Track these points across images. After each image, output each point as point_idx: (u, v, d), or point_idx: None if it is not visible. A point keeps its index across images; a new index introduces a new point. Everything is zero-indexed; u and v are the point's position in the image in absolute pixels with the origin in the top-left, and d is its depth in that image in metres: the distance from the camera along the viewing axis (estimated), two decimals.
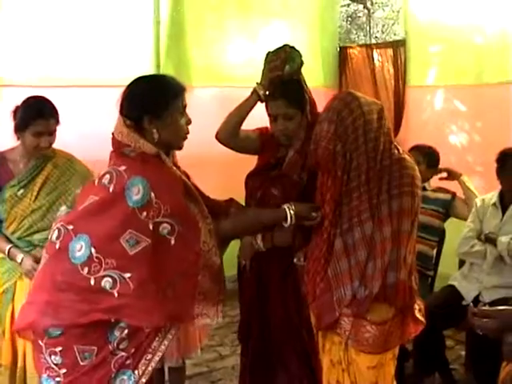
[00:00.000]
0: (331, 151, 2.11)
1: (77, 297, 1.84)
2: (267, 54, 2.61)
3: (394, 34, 6.04)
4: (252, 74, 4.20)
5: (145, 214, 1.86)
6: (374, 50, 5.84)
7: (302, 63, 2.59)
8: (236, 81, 4.79)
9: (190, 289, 1.95)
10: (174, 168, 2.00)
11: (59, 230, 1.91)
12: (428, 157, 3.75)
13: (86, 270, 1.84)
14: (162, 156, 1.96)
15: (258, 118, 2.71)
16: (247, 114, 2.62)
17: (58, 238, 1.90)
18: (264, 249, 2.59)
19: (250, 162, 2.80)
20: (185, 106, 2.04)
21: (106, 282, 1.84)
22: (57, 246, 1.89)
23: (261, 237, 2.59)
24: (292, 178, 2.58)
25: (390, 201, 2.11)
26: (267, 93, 2.58)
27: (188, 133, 2.07)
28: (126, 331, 1.86)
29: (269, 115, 2.63)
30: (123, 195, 1.86)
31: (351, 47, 6.24)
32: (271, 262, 2.64)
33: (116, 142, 1.98)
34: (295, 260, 2.45)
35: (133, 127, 1.96)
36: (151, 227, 1.87)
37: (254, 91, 2.59)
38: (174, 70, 4.68)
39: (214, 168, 4.74)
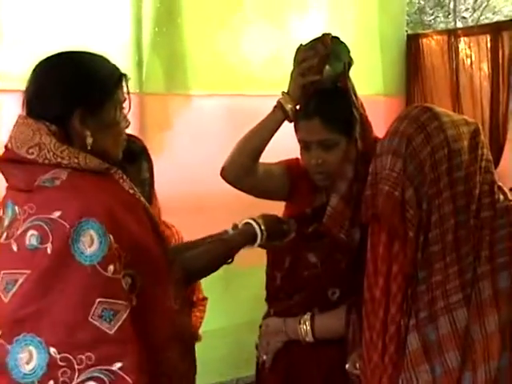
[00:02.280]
0: (398, 199, 2.06)
1: None
2: (298, 49, 2.61)
3: (493, 13, 5.87)
4: (273, 77, 4.22)
5: (111, 268, 1.83)
6: (461, 38, 5.86)
7: (350, 63, 2.59)
8: (250, 87, 4.94)
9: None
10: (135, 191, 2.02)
11: None
12: None
13: None
14: (116, 173, 1.97)
15: (284, 144, 2.71)
16: (269, 139, 2.62)
17: None
18: (313, 338, 2.59)
19: (272, 207, 2.79)
20: (125, 100, 2.06)
21: None
22: None
23: (310, 318, 2.58)
24: (337, 238, 2.56)
25: (496, 274, 2.04)
26: (297, 107, 2.58)
27: (126, 137, 2.14)
28: None
29: (299, 141, 2.63)
30: (70, 254, 1.81)
31: (426, 35, 6.27)
32: (307, 362, 2.64)
33: (25, 169, 1.93)
34: (348, 366, 2.44)
35: (60, 135, 1.94)
36: (124, 284, 1.86)
37: (279, 105, 2.59)
38: (163, 70, 4.79)
39: (218, 215, 4.71)
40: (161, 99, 4.87)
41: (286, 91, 2.59)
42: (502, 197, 2.13)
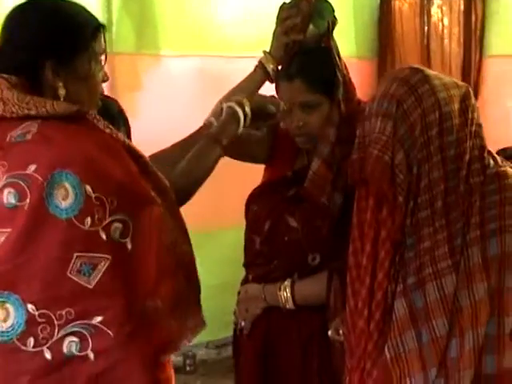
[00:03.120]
0: (387, 163, 2.03)
1: None
2: (281, 7, 2.58)
3: None
4: (249, 36, 4.17)
5: (89, 220, 1.80)
6: (434, 2, 5.88)
7: (334, 22, 2.55)
8: (225, 48, 4.91)
9: (167, 306, 1.93)
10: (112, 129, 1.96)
11: None
12: None
13: (30, 342, 1.78)
14: (90, 114, 1.91)
15: None
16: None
17: None
18: (293, 305, 2.58)
19: (251, 172, 2.81)
20: (102, 52, 2.01)
21: (71, 345, 1.79)
22: None
23: (290, 284, 2.57)
24: (318, 202, 2.54)
25: (485, 241, 2.03)
26: (279, 68, 2.55)
27: (103, 93, 2.12)
28: None
29: None
30: (45, 208, 1.79)
31: None
32: (286, 328, 2.64)
33: None
34: (330, 333, 2.42)
35: (23, 86, 1.89)
36: (104, 236, 1.82)
37: (260, 65, 2.58)
38: (133, 29, 4.78)
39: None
40: (131, 59, 4.87)
41: (267, 51, 2.56)
42: (492, 162, 2.12)
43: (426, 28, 5.98)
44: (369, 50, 5.96)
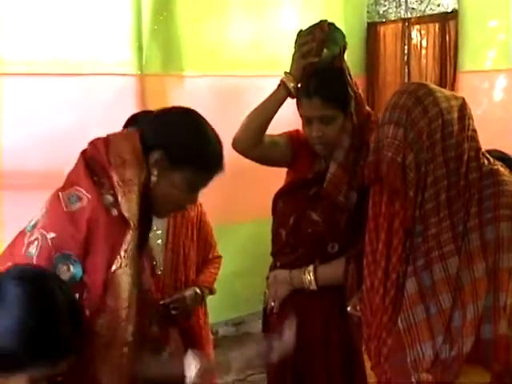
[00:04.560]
0: (400, 164, 2.04)
1: None
2: (298, 34, 2.58)
3: (439, 6, 6.01)
4: (263, 58, 4.14)
5: None
6: (414, 26, 5.91)
7: (345, 46, 2.60)
8: (241, 67, 4.86)
9: None
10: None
11: None
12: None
13: None
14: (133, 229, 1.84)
15: (285, 118, 2.72)
16: (274, 113, 2.60)
17: None
18: (316, 287, 2.59)
19: (271, 172, 2.77)
20: (200, 188, 2.04)
21: None
22: None
23: (313, 269, 2.57)
24: (336, 200, 2.55)
25: (483, 228, 2.04)
26: (299, 86, 2.55)
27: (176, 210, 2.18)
28: None
29: (301, 116, 2.61)
30: None
31: (382, 23, 6.27)
32: (310, 306, 2.64)
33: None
34: (349, 308, 2.40)
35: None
36: None
37: (283, 84, 2.56)
38: (161, 53, 4.76)
39: (215, 183, 4.70)
40: (159, 80, 4.84)
41: (288, 71, 2.56)
42: (486, 161, 2.13)
43: (406, 48, 5.98)
44: (358, 67, 5.93)
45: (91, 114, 4.36)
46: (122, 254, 1.82)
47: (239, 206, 5.03)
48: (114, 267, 1.80)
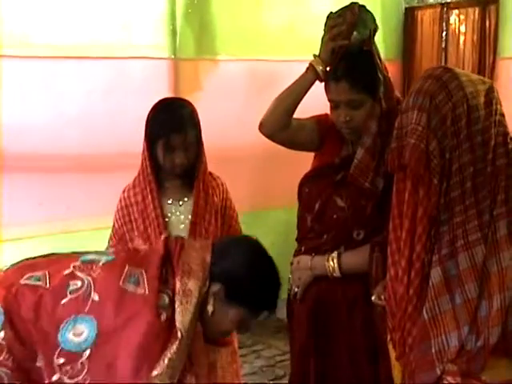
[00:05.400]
0: (423, 150, 2.01)
1: None
2: (328, 16, 2.55)
3: None
4: (296, 42, 4.11)
5: None
6: (452, 11, 5.77)
7: (376, 29, 2.53)
8: (274, 52, 4.84)
9: None
10: None
11: None
12: None
13: None
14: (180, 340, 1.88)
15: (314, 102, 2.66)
16: (302, 97, 2.57)
17: None
18: (340, 274, 2.57)
19: (297, 158, 2.76)
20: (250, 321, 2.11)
21: None
22: None
23: (337, 256, 2.56)
24: (362, 186, 2.52)
25: (510, 215, 2.01)
26: (327, 69, 2.52)
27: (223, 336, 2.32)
28: None
29: (329, 100, 2.57)
30: None
31: (420, 7, 6.13)
32: (333, 294, 2.62)
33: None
34: (373, 298, 2.38)
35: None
36: None
37: (311, 67, 2.54)
38: (194, 37, 4.74)
39: (246, 168, 4.74)
40: (192, 64, 4.83)
41: (316, 54, 2.53)
42: None
43: (444, 34, 5.88)
44: (394, 52, 5.90)
45: (124, 98, 4.37)
46: (166, 361, 1.85)
47: (270, 192, 5.02)
48: (155, 372, 1.83)
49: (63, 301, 1.87)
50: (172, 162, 2.68)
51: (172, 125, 2.66)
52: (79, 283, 1.89)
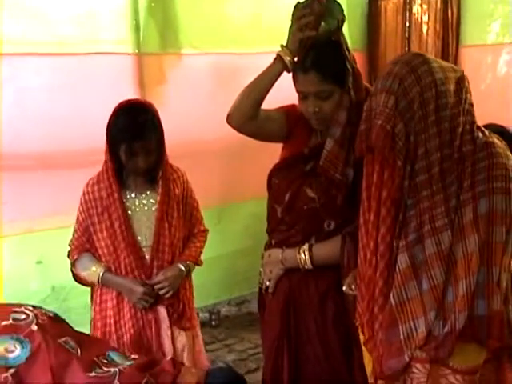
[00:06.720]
0: (389, 132, 2.01)
1: None
2: (295, 7, 2.50)
3: None
4: (260, 34, 4.06)
5: None
6: (415, 1, 5.80)
7: (343, 20, 2.50)
8: (238, 45, 4.82)
9: None
10: None
11: None
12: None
13: None
14: None
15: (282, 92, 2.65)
16: (270, 87, 2.54)
17: None
18: (311, 265, 2.56)
19: (268, 150, 2.76)
20: None
21: None
22: None
23: (308, 248, 2.54)
24: (333, 177, 2.50)
25: (476, 201, 2.01)
26: (295, 60, 2.50)
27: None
28: None
29: (297, 91, 2.55)
30: None
31: None
32: (305, 286, 2.61)
33: None
34: (344, 288, 2.38)
35: None
36: None
37: (278, 57, 2.51)
38: (157, 31, 4.69)
39: (212, 161, 4.71)
40: (156, 58, 4.80)
41: (284, 45, 2.50)
42: (480, 135, 2.09)
43: (407, 24, 5.93)
44: (359, 42, 5.91)
45: (88, 94, 4.33)
46: None
47: (240, 184, 5.01)
48: None
49: None
50: (135, 165, 2.83)
51: (133, 131, 2.77)
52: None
